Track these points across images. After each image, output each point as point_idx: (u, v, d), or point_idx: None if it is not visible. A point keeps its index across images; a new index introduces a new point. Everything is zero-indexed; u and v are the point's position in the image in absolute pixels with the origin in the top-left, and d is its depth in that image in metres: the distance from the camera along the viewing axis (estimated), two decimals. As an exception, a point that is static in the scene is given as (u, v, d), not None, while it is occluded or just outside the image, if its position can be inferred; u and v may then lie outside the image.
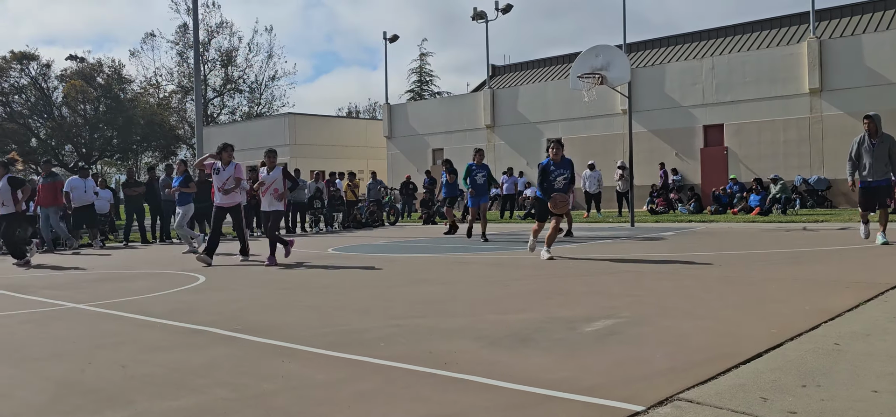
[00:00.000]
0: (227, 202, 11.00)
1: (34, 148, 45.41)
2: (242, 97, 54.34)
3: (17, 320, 6.18)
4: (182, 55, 50.81)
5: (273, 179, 11.00)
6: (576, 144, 28.71)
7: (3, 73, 44.27)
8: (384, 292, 7.14)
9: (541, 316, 5.47)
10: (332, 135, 40.09)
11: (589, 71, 16.94)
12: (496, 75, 37.48)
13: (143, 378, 3.96)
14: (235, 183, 11.07)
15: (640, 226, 17.30)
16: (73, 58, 47.18)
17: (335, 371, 3.98)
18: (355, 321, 5.51)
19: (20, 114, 45.21)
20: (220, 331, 5.26)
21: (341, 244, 14.66)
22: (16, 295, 7.92)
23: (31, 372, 4.22)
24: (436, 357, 4.22)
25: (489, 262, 9.83)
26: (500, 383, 3.63)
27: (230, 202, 11.03)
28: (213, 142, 40.44)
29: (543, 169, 9.88)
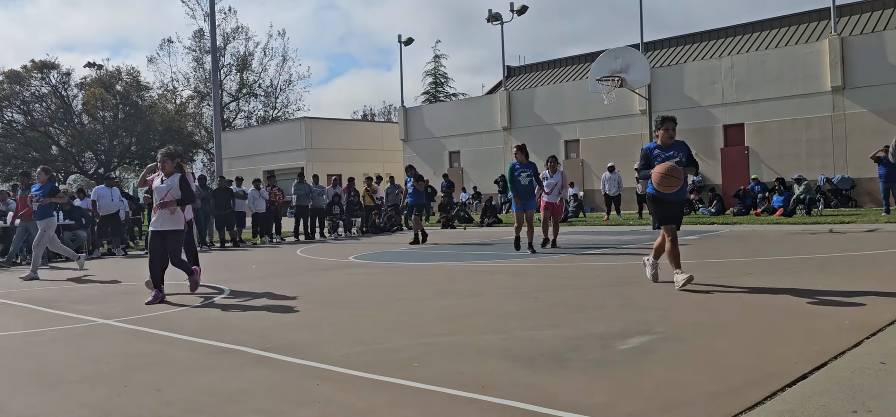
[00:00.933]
0: (168, 225, 8.36)
1: (55, 155, 45.88)
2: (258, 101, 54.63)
3: (47, 337, 6.21)
4: (198, 60, 51.21)
5: (167, 188, 8.40)
6: (593, 146, 28.56)
7: (23, 82, 44.78)
8: (411, 306, 7.11)
9: (573, 332, 5.41)
10: (348, 139, 40.19)
11: (608, 73, 16.85)
12: (512, 76, 37.38)
13: (180, 404, 3.94)
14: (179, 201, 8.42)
15: (661, 229, 17.15)
16: (92, 65, 47.65)
17: (372, 396, 3.95)
18: (386, 339, 5.47)
19: (41, 122, 45.70)
20: (251, 350, 5.24)
21: (362, 251, 14.66)
22: (44, 309, 7.96)
23: (66, 397, 4.22)
24: (472, 379, 4.17)
25: (512, 271, 9.77)
26: (541, 409, 3.57)
27: (172, 225, 8.39)
28: (230, 146, 40.69)
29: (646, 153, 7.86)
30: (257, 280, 10.12)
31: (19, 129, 44.88)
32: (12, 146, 44.57)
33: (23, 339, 6.18)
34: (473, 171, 32.78)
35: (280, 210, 20.68)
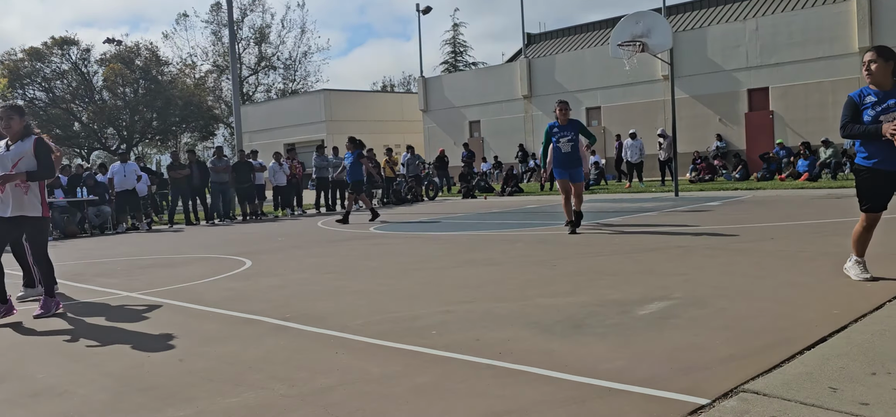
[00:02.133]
0: (21, 209, 5.98)
1: (77, 132, 46.39)
2: (277, 74, 54.71)
3: (73, 311, 6.32)
4: (216, 34, 51.33)
5: (18, 156, 5.96)
6: (615, 112, 28.30)
7: (44, 59, 45.18)
8: (431, 275, 7.13)
9: (591, 298, 5.40)
10: (368, 110, 40.16)
11: (629, 38, 16.62)
12: (532, 43, 37.03)
13: (201, 373, 4.01)
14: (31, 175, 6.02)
15: (684, 196, 17.03)
16: (111, 41, 47.93)
17: (390, 364, 3.98)
18: (405, 307, 5.50)
19: (62, 99, 46.16)
20: (272, 320, 5.30)
21: (382, 222, 14.71)
22: (70, 283, 8.10)
23: (90, 368, 4.30)
24: (490, 346, 4.19)
25: (533, 240, 9.76)
26: (558, 374, 3.58)
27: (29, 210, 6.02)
28: (250, 120, 40.86)
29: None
30: (278, 251, 10.21)
31: (42, 107, 45.41)
32: (35, 123, 45.09)
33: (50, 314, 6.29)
34: (494, 140, 32.66)
35: (301, 183, 20.80)
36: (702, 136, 25.33)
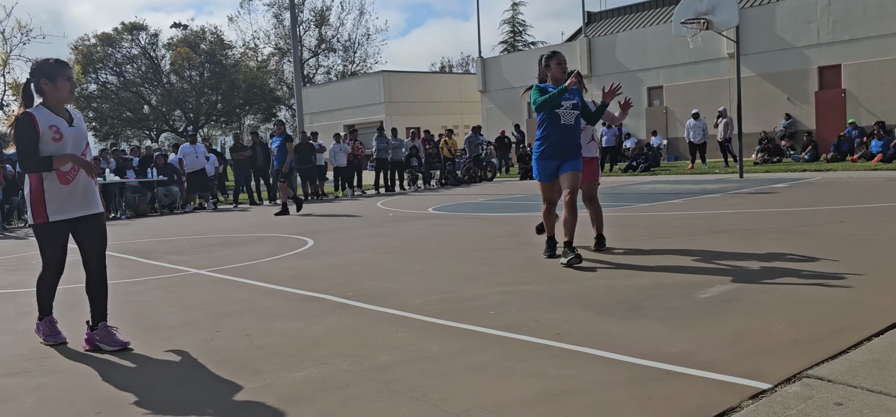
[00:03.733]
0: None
1: (147, 114, 47.93)
2: (337, 56, 55.26)
3: (147, 287, 6.61)
4: (278, 17, 52.06)
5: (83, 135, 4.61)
6: (678, 92, 27.68)
7: (115, 44, 46.72)
8: (489, 256, 7.17)
9: (650, 281, 5.36)
10: (426, 91, 40.26)
11: (693, 16, 16.21)
12: (592, 22, 36.43)
13: (268, 348, 4.16)
14: None
15: (749, 177, 16.59)
16: (178, 25, 49.21)
17: (449, 342, 4.05)
18: (464, 287, 5.57)
19: (133, 83, 47.72)
20: (335, 298, 5.44)
21: (441, 203, 14.81)
22: (143, 260, 8.45)
23: (165, 341, 4.50)
24: (548, 327, 4.22)
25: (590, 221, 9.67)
26: (616, 356, 3.59)
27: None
28: (310, 102, 41.48)
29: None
30: (340, 231, 10.40)
31: (113, 90, 47.04)
32: (108, 106, 46.79)
33: (126, 287, 6.59)
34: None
35: (361, 163, 21.07)
36: (769, 116, 24.55)
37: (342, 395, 3.28)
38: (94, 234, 4.45)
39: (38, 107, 4.28)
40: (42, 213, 4.30)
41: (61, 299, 4.98)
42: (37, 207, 4.30)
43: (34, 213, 4.32)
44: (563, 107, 6.36)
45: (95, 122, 45.70)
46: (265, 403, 3.24)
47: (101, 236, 4.52)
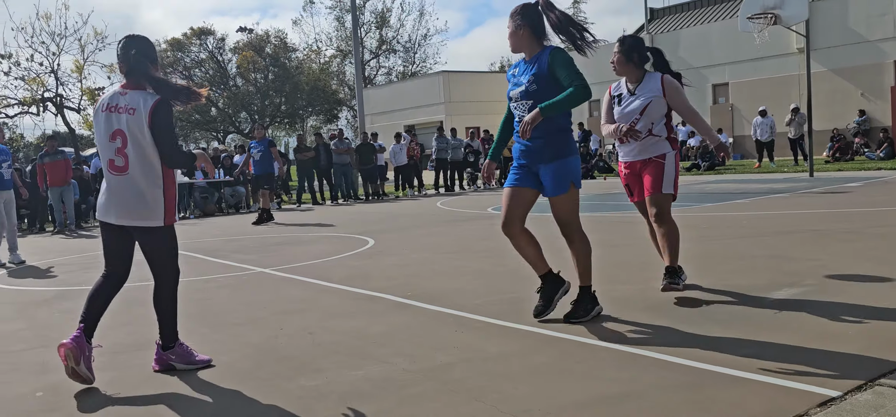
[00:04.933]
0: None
1: (214, 117, 49.32)
2: (397, 57, 55.75)
3: (214, 284, 6.82)
4: (339, 19, 52.85)
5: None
6: (744, 89, 26.95)
7: (184, 49, 48.27)
8: (549, 256, 7.11)
9: (715, 283, 5.25)
10: (486, 91, 40.22)
11: (760, 10, 15.75)
12: (655, 18, 35.78)
13: (329, 346, 4.25)
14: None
15: (819, 176, 16.03)
16: (243, 29, 50.50)
17: (507, 343, 4.06)
18: (522, 288, 5.56)
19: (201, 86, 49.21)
20: (395, 298, 5.51)
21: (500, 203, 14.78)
22: (210, 259, 8.72)
23: (231, 337, 4.65)
24: (608, 329, 4.18)
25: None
26: (677, 359, 3.53)
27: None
28: (371, 103, 41.99)
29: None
30: (400, 231, 10.51)
31: (183, 93, 48.58)
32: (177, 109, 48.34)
33: (194, 285, 6.82)
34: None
35: (420, 163, 21.23)
36: (841, 113, 23.67)
37: (401, 394, 3.33)
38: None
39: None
40: (173, 213, 3.93)
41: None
42: (171, 205, 3.89)
43: (168, 213, 3.87)
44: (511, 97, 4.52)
45: (166, 125, 47.24)
46: (327, 400, 3.31)
47: None
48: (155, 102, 3.77)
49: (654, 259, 6.56)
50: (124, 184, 3.76)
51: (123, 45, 3.87)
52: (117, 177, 3.77)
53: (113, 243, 3.89)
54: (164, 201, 3.81)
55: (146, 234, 3.84)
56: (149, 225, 3.80)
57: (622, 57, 5.07)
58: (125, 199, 3.77)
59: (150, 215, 3.79)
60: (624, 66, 5.08)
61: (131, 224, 3.80)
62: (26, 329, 5.33)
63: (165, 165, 3.84)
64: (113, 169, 3.78)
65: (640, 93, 5.04)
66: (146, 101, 3.76)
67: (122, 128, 3.75)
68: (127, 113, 3.75)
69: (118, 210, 3.79)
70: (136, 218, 3.79)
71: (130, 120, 3.74)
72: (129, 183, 3.76)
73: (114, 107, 3.79)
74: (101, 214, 3.87)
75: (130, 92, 3.81)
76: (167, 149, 3.79)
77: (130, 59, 3.83)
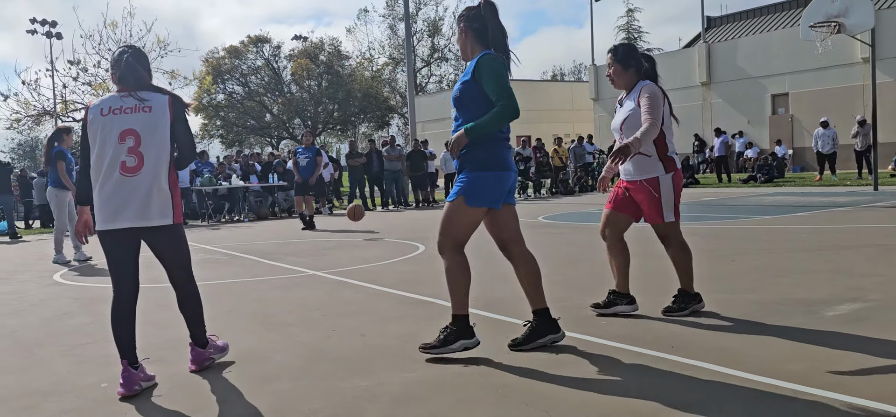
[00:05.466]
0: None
1: (268, 122, 50.32)
2: (449, 65, 55.98)
3: (269, 285, 6.95)
4: (392, 28, 53.36)
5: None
6: (805, 99, 26.24)
7: (241, 56, 49.38)
8: (601, 266, 7.06)
9: (774, 296, 5.12)
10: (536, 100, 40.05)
11: (823, 18, 15.33)
12: (712, 27, 35.17)
13: (381, 348, 4.28)
14: None
15: (884, 190, 15.49)
16: (298, 37, 51.42)
17: (556, 350, 4.03)
18: (574, 297, 5.52)
19: (256, 93, 50.26)
20: (445, 303, 5.50)
21: (551, 212, 14.70)
22: (265, 261, 8.89)
23: (285, 337, 4.73)
24: (662, 339, 4.12)
25: (708, 233, 9.35)
26: (734, 372, 3.46)
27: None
28: (423, 110, 42.23)
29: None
30: (449, 237, 10.52)
31: (239, 100, 49.71)
32: (233, 115, 49.47)
33: (249, 286, 6.97)
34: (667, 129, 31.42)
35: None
36: (908, 125, 22.85)
37: (453, 397, 3.34)
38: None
39: None
40: (181, 211, 3.92)
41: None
42: (179, 203, 3.88)
43: (177, 210, 3.84)
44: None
45: (222, 130, 48.44)
46: (379, 400, 3.34)
47: None
48: (172, 96, 3.78)
49: (713, 270, 6.43)
50: (137, 184, 3.65)
51: (119, 54, 3.86)
52: (129, 177, 3.64)
53: (121, 252, 3.73)
54: (173, 198, 3.76)
55: (160, 233, 3.75)
56: (164, 224, 3.72)
57: (619, 67, 4.66)
58: (140, 199, 3.65)
59: (166, 213, 3.73)
60: (621, 76, 4.66)
61: (147, 224, 3.69)
62: (91, 323, 5.52)
63: (181, 160, 3.85)
64: (124, 170, 3.64)
65: (625, 103, 4.68)
66: (160, 96, 3.75)
67: (135, 126, 3.66)
68: (141, 111, 3.67)
69: (132, 211, 3.66)
70: (153, 218, 3.69)
71: (146, 116, 3.68)
72: (142, 182, 3.66)
73: (118, 109, 3.68)
74: (108, 222, 3.66)
75: (134, 93, 3.73)
76: (187, 141, 3.82)
77: (124, 65, 3.77)
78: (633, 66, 4.63)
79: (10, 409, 3.48)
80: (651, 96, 4.41)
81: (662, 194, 4.57)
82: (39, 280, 8.21)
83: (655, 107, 4.37)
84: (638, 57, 4.67)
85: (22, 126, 31.76)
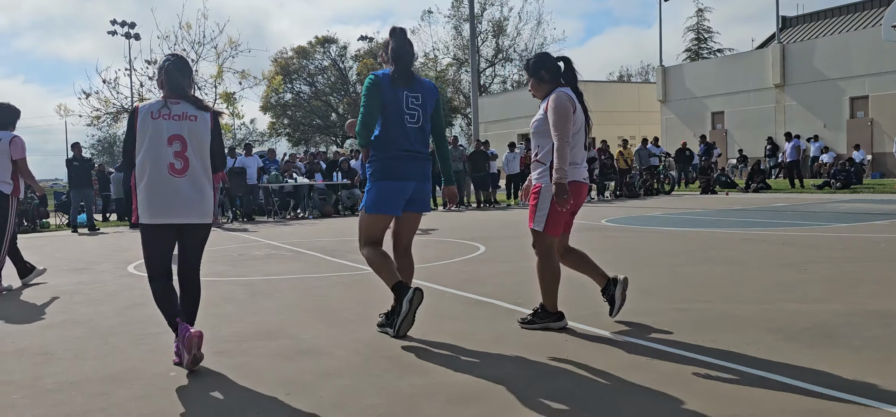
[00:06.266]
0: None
1: (334, 122, 51.18)
2: (513, 66, 55.79)
3: (329, 282, 7.06)
4: (457, 28, 53.52)
5: None
6: (886, 103, 25.13)
7: (309, 56, 50.38)
8: (665, 271, 6.93)
9: (847, 307, 4.92)
10: (602, 101, 39.51)
11: (906, 18, 14.64)
12: (787, 27, 34.05)
13: (438, 347, 4.30)
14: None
15: (971, 199, 14.68)
16: (364, 38, 52.12)
17: (618, 355, 3.97)
18: (637, 302, 5.42)
19: (323, 92, 51.19)
20: (504, 304, 5.51)
21: (615, 215, 14.48)
22: (328, 257, 9.04)
23: (344, 333, 4.79)
24: (727, 348, 4.00)
25: (779, 240, 9.04)
26: (804, 384, 3.33)
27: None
28: (486, 111, 42.20)
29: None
30: (510, 238, 10.50)
31: (305, 99, 50.73)
32: (300, 114, 50.53)
33: (311, 282, 7.09)
34: (738, 133, 30.59)
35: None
36: None
37: (508, 399, 3.32)
38: None
39: None
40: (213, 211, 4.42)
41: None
42: (214, 203, 4.32)
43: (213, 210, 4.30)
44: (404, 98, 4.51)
45: (289, 128, 49.51)
46: (435, 399, 3.35)
47: None
48: (212, 111, 4.15)
49: (783, 278, 6.22)
50: (183, 185, 3.98)
51: (164, 62, 4.16)
52: (177, 178, 3.97)
53: (161, 244, 4.07)
54: (212, 200, 4.15)
55: (199, 229, 4.14)
56: (204, 222, 4.11)
57: (533, 80, 4.64)
58: (186, 198, 3.99)
59: (207, 212, 4.11)
60: (538, 88, 4.64)
61: (191, 221, 4.05)
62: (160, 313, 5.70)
63: (215, 167, 4.17)
64: (172, 171, 3.95)
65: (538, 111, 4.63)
66: (205, 111, 4.12)
67: (182, 133, 3.98)
68: (187, 119, 4.01)
69: (177, 209, 3.99)
70: (196, 216, 4.06)
71: (192, 125, 4.01)
72: (187, 183, 3.99)
73: (167, 115, 3.98)
74: (155, 216, 3.97)
75: (182, 101, 4.05)
76: (220, 151, 4.19)
77: (169, 74, 4.08)
78: (545, 77, 4.60)
79: (85, 394, 3.63)
80: (556, 109, 4.39)
81: (539, 203, 4.63)
82: (115, 271, 8.55)
83: (560, 120, 4.36)
84: (549, 65, 4.63)
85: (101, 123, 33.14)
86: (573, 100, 4.45)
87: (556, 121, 4.35)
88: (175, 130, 3.98)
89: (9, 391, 3.72)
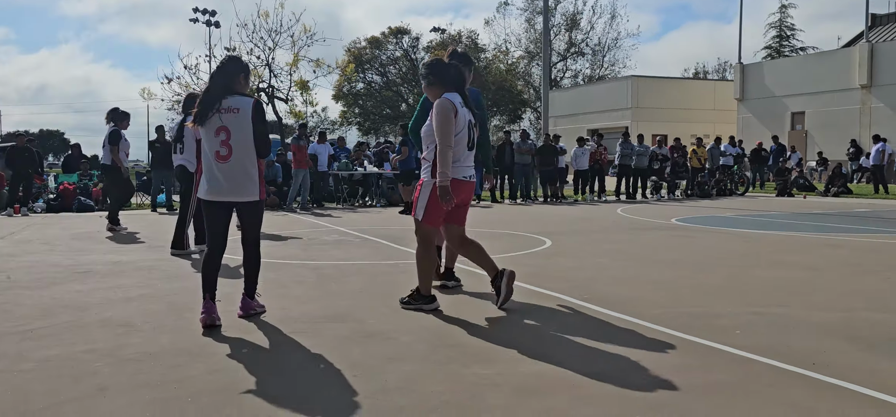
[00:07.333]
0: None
1: (404, 112, 51.58)
2: (585, 60, 55.06)
3: (397, 269, 7.15)
4: (530, 21, 53.13)
5: None
6: (983, 106, 23.70)
7: (381, 47, 50.90)
8: (738, 272, 6.74)
9: (934, 319, 4.68)
10: (676, 98, 38.64)
11: None
12: (876, 25, 32.53)
13: (504, 339, 4.29)
14: None
15: None
16: (437, 29, 52.31)
17: (686, 357, 3.89)
18: (706, 302, 5.30)
19: (394, 83, 51.66)
20: (570, 299, 5.47)
21: (685, 214, 14.15)
22: (395, 245, 9.14)
23: (411, 319, 4.84)
24: (802, 355, 3.87)
25: (863, 247, 8.67)
26: (884, 396, 3.20)
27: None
28: (556, 105, 41.81)
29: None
30: (577, 234, 10.39)
31: (377, 89, 51.30)
32: (371, 103, 51.13)
33: (379, 269, 7.19)
34: (819, 134, 29.41)
35: (604, 168, 20.78)
36: None
37: (571, 394, 3.30)
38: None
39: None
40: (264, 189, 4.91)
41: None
42: (262, 183, 4.85)
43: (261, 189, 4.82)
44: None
45: (360, 117, 50.20)
46: (500, 389, 3.36)
47: None
48: (254, 102, 4.66)
49: (864, 285, 5.97)
50: (229, 169, 4.60)
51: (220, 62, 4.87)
52: (223, 164, 4.61)
53: (219, 220, 4.73)
54: (257, 180, 4.69)
55: (249, 207, 4.73)
56: (252, 200, 4.69)
57: (425, 84, 5.07)
58: (231, 181, 4.61)
59: (253, 191, 4.68)
60: (429, 92, 5.09)
61: (239, 200, 4.67)
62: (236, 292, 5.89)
63: (259, 152, 4.67)
64: (219, 159, 4.60)
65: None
66: (246, 103, 4.64)
67: (227, 124, 4.58)
68: (231, 112, 4.58)
69: (226, 189, 4.63)
70: (243, 195, 4.67)
71: (234, 117, 4.58)
72: (233, 168, 4.60)
73: (218, 108, 4.59)
74: (212, 195, 4.65)
75: (229, 96, 4.63)
76: (263, 139, 4.65)
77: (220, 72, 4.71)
78: (433, 82, 4.98)
79: (162, 366, 3.79)
80: (438, 115, 4.79)
81: (420, 195, 5.02)
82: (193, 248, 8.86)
83: (441, 126, 4.76)
84: (438, 70, 5.01)
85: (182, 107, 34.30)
86: (455, 106, 4.84)
87: (437, 127, 4.78)
88: (220, 123, 4.60)
89: (92, 358, 3.92)
